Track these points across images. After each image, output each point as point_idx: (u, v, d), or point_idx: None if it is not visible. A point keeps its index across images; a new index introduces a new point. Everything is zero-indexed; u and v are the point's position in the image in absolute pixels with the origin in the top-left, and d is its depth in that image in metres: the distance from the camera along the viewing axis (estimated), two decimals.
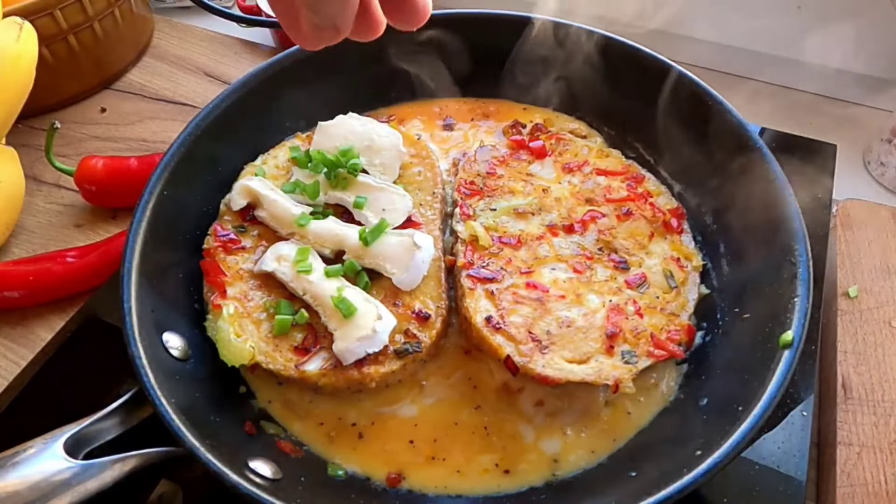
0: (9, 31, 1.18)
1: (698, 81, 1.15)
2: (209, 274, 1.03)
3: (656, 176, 1.20)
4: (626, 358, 0.96)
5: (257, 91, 1.19)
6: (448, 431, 0.97)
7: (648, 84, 1.19)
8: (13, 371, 1.09)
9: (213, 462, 0.80)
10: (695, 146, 1.17)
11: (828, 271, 1.22)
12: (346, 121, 1.21)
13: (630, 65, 1.21)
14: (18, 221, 1.28)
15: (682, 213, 1.15)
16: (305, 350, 0.97)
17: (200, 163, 1.11)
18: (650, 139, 1.24)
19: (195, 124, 1.11)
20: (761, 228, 1.02)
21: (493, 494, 0.93)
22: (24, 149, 1.34)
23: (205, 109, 1.13)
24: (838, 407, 1.03)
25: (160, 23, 1.72)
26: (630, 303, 1.03)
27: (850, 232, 1.25)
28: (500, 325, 0.98)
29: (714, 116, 1.12)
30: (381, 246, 1.04)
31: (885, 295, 1.16)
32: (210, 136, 1.12)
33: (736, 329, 1.00)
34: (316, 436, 0.98)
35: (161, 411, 0.83)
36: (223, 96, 1.15)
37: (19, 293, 1.14)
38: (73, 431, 0.83)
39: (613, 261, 1.08)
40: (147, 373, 0.86)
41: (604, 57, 1.23)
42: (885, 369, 1.07)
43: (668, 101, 1.18)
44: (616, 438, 0.97)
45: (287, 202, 1.10)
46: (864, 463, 0.98)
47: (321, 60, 1.25)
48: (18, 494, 0.77)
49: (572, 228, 1.11)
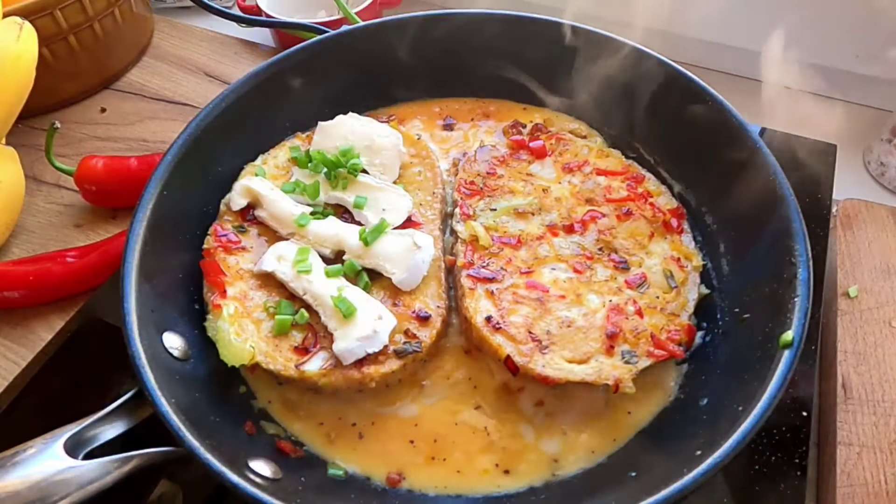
0: (9, 31, 1.17)
1: (698, 81, 1.15)
2: (209, 274, 1.03)
3: (656, 176, 1.20)
4: (626, 358, 0.97)
5: (257, 91, 1.19)
6: (448, 431, 0.97)
7: (648, 84, 1.20)
8: (13, 371, 1.09)
9: (213, 462, 0.80)
10: (695, 146, 1.17)
11: (828, 271, 1.22)
12: (346, 121, 1.21)
13: (630, 65, 1.21)
14: (18, 221, 1.28)
15: (683, 213, 1.15)
16: (305, 350, 0.97)
17: (200, 163, 1.11)
18: (650, 139, 1.24)
19: (195, 124, 1.11)
20: (761, 228, 1.02)
21: (493, 494, 0.93)
22: (24, 149, 1.34)
23: (205, 109, 1.13)
24: (838, 407, 1.03)
25: (160, 23, 1.72)
26: (630, 303, 1.03)
27: (850, 232, 1.25)
28: (500, 324, 0.98)
29: (714, 116, 1.12)
30: (381, 246, 1.04)
31: (885, 295, 1.16)
32: (210, 136, 1.12)
33: (736, 329, 1.00)
34: (316, 436, 0.98)
35: (161, 411, 0.83)
36: (223, 96, 1.15)
37: (19, 293, 1.14)
38: (73, 431, 0.83)
39: (613, 261, 1.08)
40: (147, 373, 0.86)
41: (604, 57, 1.23)
42: (885, 369, 1.07)
43: (668, 101, 1.18)
44: (616, 438, 0.97)
45: (287, 202, 1.10)
46: (864, 463, 0.98)
47: (321, 60, 1.25)
48: (18, 494, 0.77)
49: (572, 228, 1.11)
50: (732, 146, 1.09)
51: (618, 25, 1.30)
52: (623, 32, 1.23)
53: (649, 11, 1.64)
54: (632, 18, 1.67)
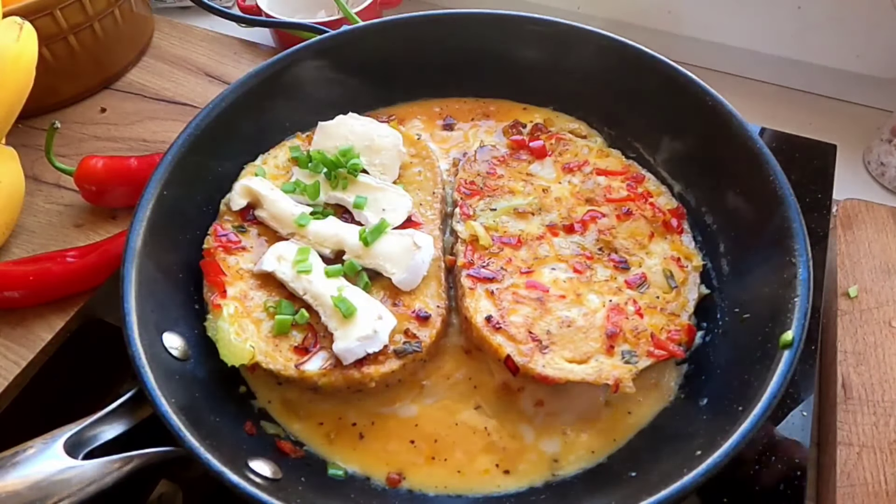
0: (9, 31, 1.17)
1: (698, 81, 1.15)
2: (209, 274, 1.03)
3: (656, 176, 1.20)
4: (627, 358, 0.96)
5: (257, 91, 1.19)
6: (448, 431, 0.97)
7: (648, 84, 1.20)
8: (13, 371, 1.09)
9: (213, 462, 0.80)
10: (695, 146, 1.17)
11: (828, 271, 1.22)
12: (346, 121, 1.21)
13: (630, 65, 1.21)
14: (18, 221, 1.28)
15: (683, 213, 1.15)
16: (305, 350, 0.97)
17: (200, 163, 1.11)
18: (650, 139, 1.24)
19: (195, 124, 1.11)
20: (761, 228, 1.02)
21: (493, 494, 0.93)
22: (24, 149, 1.34)
23: (205, 109, 1.13)
24: (838, 407, 1.03)
25: (160, 23, 1.71)
26: (630, 303, 1.03)
27: (850, 232, 1.25)
28: (500, 324, 0.98)
29: (714, 116, 1.12)
30: (381, 246, 1.04)
31: (885, 295, 1.16)
32: (210, 136, 1.12)
33: (736, 329, 1.00)
34: (316, 436, 0.98)
35: (161, 411, 0.83)
36: (223, 96, 1.15)
37: (19, 293, 1.14)
38: (73, 431, 0.83)
39: (613, 261, 1.08)
40: (147, 373, 0.86)
41: (604, 57, 1.23)
42: (885, 369, 1.07)
43: (669, 101, 1.18)
44: (616, 438, 0.97)
45: (287, 202, 1.10)
46: (864, 463, 0.98)
47: (322, 60, 1.25)
48: (18, 494, 0.77)
49: (572, 228, 1.11)
50: (732, 146, 1.09)
51: (618, 25, 1.30)
52: (623, 32, 1.23)
53: (649, 11, 1.64)
54: (632, 18, 1.67)
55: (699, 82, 1.15)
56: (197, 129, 1.11)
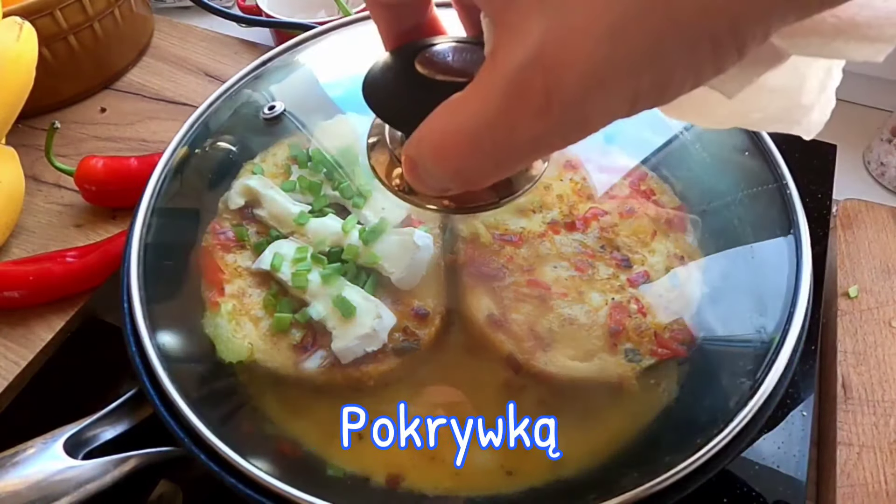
0: (9, 31, 1.17)
1: None
2: (207, 272, 1.03)
3: (658, 174, 1.20)
4: (630, 356, 0.96)
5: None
6: (448, 431, 0.97)
7: None
8: (13, 371, 1.09)
9: (213, 462, 0.80)
10: (695, 145, 1.17)
11: (828, 271, 1.21)
12: (347, 120, 1.20)
13: None
14: (18, 221, 1.28)
15: (685, 211, 1.14)
16: (304, 348, 0.97)
17: (200, 162, 1.11)
18: (650, 139, 1.23)
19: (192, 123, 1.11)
20: (762, 228, 1.02)
21: (494, 494, 0.93)
22: (24, 149, 1.34)
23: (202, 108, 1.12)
24: (838, 407, 1.03)
25: (160, 23, 1.71)
26: (633, 301, 1.02)
27: (850, 232, 1.24)
28: (501, 322, 0.98)
29: None
30: (381, 245, 1.04)
31: (885, 295, 1.15)
32: (210, 136, 1.12)
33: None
34: (314, 435, 0.97)
35: (161, 411, 0.83)
36: (221, 95, 1.15)
37: (19, 293, 1.14)
38: (73, 431, 0.83)
39: (616, 259, 1.08)
40: (146, 373, 0.86)
41: None
42: (885, 369, 1.07)
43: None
44: (618, 438, 0.96)
45: (286, 201, 1.10)
46: (864, 463, 0.97)
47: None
48: (18, 494, 0.77)
49: (574, 226, 1.11)
50: (733, 145, 1.09)
51: None
52: None
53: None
54: None
55: None
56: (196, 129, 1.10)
